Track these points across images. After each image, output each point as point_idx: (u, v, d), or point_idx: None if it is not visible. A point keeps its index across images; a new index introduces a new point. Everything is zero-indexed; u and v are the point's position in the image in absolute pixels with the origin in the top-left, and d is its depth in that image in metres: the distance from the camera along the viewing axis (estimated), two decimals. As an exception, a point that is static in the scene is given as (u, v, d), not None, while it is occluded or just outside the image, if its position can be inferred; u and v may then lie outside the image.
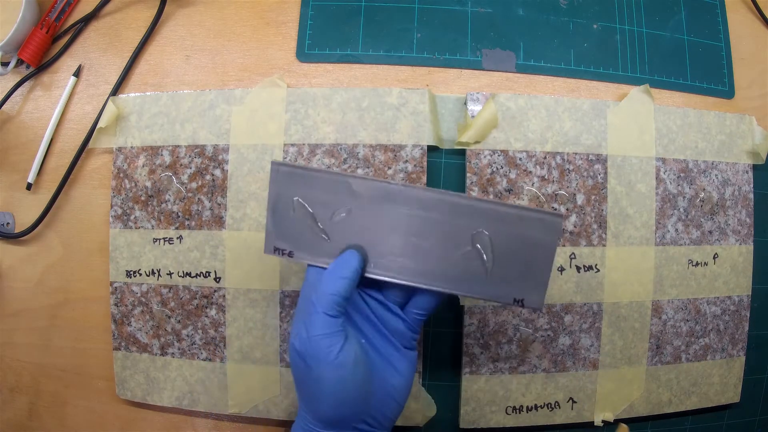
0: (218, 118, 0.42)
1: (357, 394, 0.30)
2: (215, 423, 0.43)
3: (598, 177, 0.41)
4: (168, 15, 0.44)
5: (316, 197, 0.32)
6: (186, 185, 0.42)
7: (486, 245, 0.31)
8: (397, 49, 0.43)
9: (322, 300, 0.29)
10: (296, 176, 0.32)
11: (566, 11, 0.44)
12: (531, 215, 0.31)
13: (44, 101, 0.45)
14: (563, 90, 0.43)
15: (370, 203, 0.32)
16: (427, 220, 0.31)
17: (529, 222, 0.31)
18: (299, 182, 0.32)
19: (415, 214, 0.31)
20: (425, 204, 0.31)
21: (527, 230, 0.31)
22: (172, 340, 0.42)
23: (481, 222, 0.31)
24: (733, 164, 0.44)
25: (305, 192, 0.32)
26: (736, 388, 0.44)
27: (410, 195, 0.31)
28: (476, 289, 0.32)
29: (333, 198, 0.32)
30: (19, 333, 0.45)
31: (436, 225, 0.31)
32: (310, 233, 0.32)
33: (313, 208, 0.32)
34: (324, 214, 0.32)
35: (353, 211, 0.32)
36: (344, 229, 0.32)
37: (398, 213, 0.31)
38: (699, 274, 0.43)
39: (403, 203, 0.31)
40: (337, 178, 0.32)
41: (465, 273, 0.31)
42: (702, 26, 0.45)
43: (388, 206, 0.31)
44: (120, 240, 0.43)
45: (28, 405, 0.45)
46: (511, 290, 0.31)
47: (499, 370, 0.41)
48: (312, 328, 0.29)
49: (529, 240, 0.31)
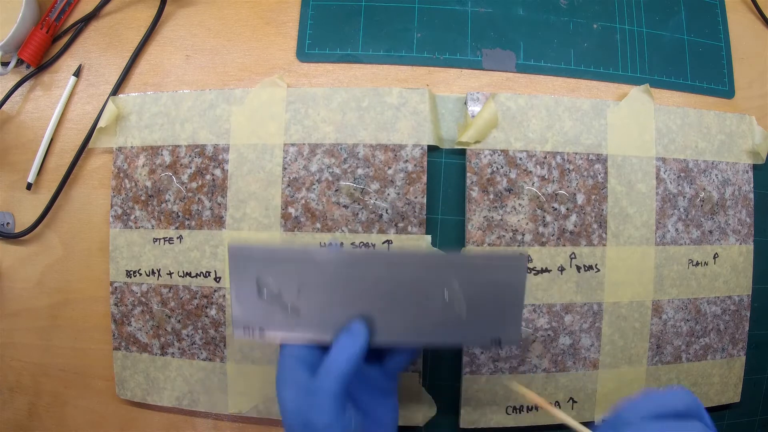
0: (218, 118, 0.42)
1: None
2: (215, 423, 0.43)
3: (598, 177, 0.41)
4: (168, 15, 0.44)
5: (280, 273, 0.31)
6: (186, 185, 0.42)
7: (457, 295, 0.31)
8: (397, 49, 0.43)
9: (330, 376, 0.28)
10: (256, 257, 0.31)
11: (566, 11, 0.44)
12: (495, 262, 0.31)
13: (44, 101, 0.45)
14: (563, 90, 0.43)
15: (337, 272, 0.31)
16: (396, 282, 0.31)
17: (494, 268, 0.31)
18: (260, 261, 0.31)
19: (383, 277, 0.31)
20: (392, 264, 0.31)
21: (494, 275, 0.31)
22: (172, 340, 0.42)
23: (449, 275, 0.31)
24: (733, 164, 0.44)
25: (268, 270, 0.31)
26: (737, 387, 0.44)
27: (375, 259, 0.31)
28: (454, 338, 0.32)
29: (297, 271, 0.31)
30: (19, 333, 0.45)
31: (406, 285, 0.31)
32: (278, 310, 0.31)
33: (278, 284, 0.31)
34: (290, 288, 0.31)
35: (320, 283, 0.31)
36: (313, 300, 0.31)
37: (366, 277, 0.31)
38: (699, 274, 0.43)
39: (369, 268, 0.31)
40: (299, 253, 0.31)
41: (440, 324, 0.32)
42: (702, 26, 0.45)
43: (356, 272, 0.31)
44: (120, 240, 0.43)
45: (27, 405, 0.45)
46: (488, 332, 0.32)
47: (499, 370, 0.41)
48: (321, 414, 0.28)
49: (498, 283, 0.31)
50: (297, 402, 0.29)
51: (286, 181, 0.41)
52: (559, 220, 0.41)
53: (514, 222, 0.41)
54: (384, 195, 0.40)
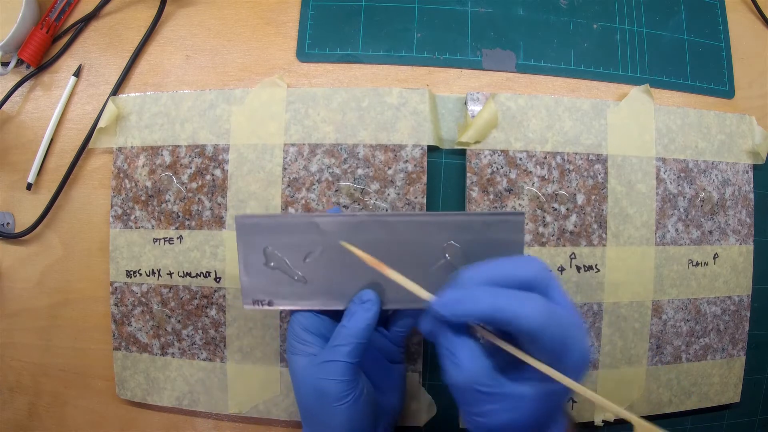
0: (218, 118, 0.42)
1: (367, 423, 0.30)
2: (215, 423, 0.43)
3: (598, 177, 0.41)
4: (168, 15, 0.44)
5: (286, 242, 0.32)
6: (186, 185, 0.42)
7: (458, 255, 0.31)
8: (397, 49, 0.43)
9: (346, 347, 0.29)
10: (262, 226, 0.32)
11: (566, 11, 0.44)
12: (494, 219, 0.31)
13: (44, 101, 0.45)
14: (563, 90, 0.43)
15: (341, 237, 0.31)
16: (399, 244, 0.31)
17: (494, 226, 0.31)
18: (266, 231, 0.32)
19: (385, 240, 0.31)
20: (393, 228, 0.31)
21: (494, 233, 0.31)
22: (172, 340, 0.42)
23: (449, 234, 0.31)
24: (733, 164, 0.44)
25: (274, 239, 0.32)
26: (737, 388, 0.44)
27: (376, 223, 0.31)
28: None
29: (303, 240, 0.32)
30: (19, 333, 0.45)
31: (408, 246, 0.31)
32: (286, 279, 0.32)
33: (284, 253, 0.32)
34: (296, 257, 0.32)
35: (325, 250, 0.32)
36: (319, 268, 0.32)
37: (369, 242, 0.31)
38: (699, 274, 0.43)
39: (372, 232, 0.31)
40: (303, 219, 0.32)
41: (443, 286, 0.32)
42: (702, 26, 0.45)
43: (358, 237, 0.31)
44: (120, 240, 0.43)
45: (28, 405, 0.45)
46: None
47: (500, 370, 0.41)
48: (337, 384, 0.29)
49: (497, 242, 0.31)
50: (310, 371, 0.30)
51: (286, 182, 0.41)
52: (559, 221, 0.41)
53: (514, 222, 0.41)
54: (384, 195, 0.40)
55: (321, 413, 0.29)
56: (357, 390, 0.29)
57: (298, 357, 0.31)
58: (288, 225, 0.32)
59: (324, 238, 0.32)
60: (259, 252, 0.32)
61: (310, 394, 0.30)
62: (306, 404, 0.30)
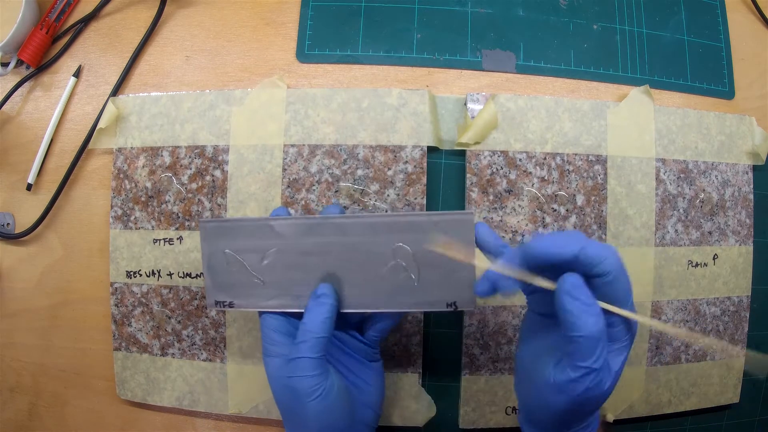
0: (218, 119, 0.42)
1: (342, 416, 0.31)
2: (215, 423, 0.43)
3: (597, 178, 0.41)
4: (168, 15, 0.44)
5: (245, 246, 0.33)
6: (186, 186, 0.42)
7: (408, 257, 0.31)
8: (397, 50, 0.43)
9: (306, 344, 0.30)
10: (223, 229, 0.33)
11: (566, 12, 0.44)
12: (442, 218, 0.30)
13: (44, 102, 0.45)
14: (563, 90, 0.43)
15: (295, 240, 0.32)
16: (351, 245, 0.32)
17: (443, 225, 0.30)
18: (227, 234, 0.33)
19: (338, 242, 0.32)
20: (345, 230, 0.32)
21: (444, 234, 0.30)
22: (172, 340, 0.42)
23: (399, 235, 0.31)
24: (733, 165, 0.44)
25: (234, 243, 0.33)
26: (736, 388, 0.44)
27: (328, 225, 0.32)
28: (410, 302, 0.32)
29: (260, 243, 0.33)
30: (20, 333, 0.45)
31: (360, 247, 0.32)
32: (245, 281, 0.33)
33: (243, 256, 0.33)
34: (254, 259, 0.33)
35: (281, 252, 0.33)
36: (276, 270, 0.33)
37: (322, 244, 0.32)
38: (699, 275, 0.43)
39: (325, 234, 0.32)
40: (258, 223, 0.33)
41: (396, 288, 0.32)
42: (702, 27, 0.45)
43: (312, 240, 0.32)
44: (120, 240, 0.43)
45: (28, 405, 0.45)
46: (443, 295, 0.32)
47: (499, 371, 0.41)
48: (303, 380, 0.29)
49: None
50: (280, 371, 0.30)
51: (286, 182, 0.41)
52: (558, 221, 0.41)
53: (513, 223, 0.41)
54: (384, 196, 0.40)
55: (296, 410, 0.30)
56: (326, 384, 0.30)
57: (270, 358, 0.31)
58: (245, 228, 0.33)
59: (279, 241, 0.32)
60: (221, 254, 0.33)
61: (283, 393, 0.31)
62: (282, 403, 0.31)
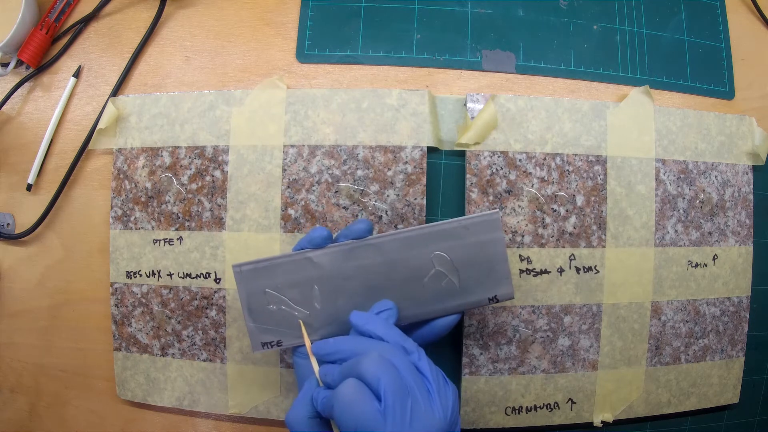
0: (218, 119, 0.42)
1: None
2: (215, 423, 0.43)
3: (597, 178, 0.41)
4: (168, 16, 0.44)
5: (284, 282, 0.33)
6: (186, 186, 0.42)
7: (447, 263, 0.33)
8: (396, 50, 0.43)
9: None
10: (259, 271, 0.33)
11: (566, 12, 0.44)
12: (472, 221, 0.33)
13: (44, 102, 0.45)
14: (563, 91, 0.43)
15: (335, 268, 0.33)
16: (390, 263, 0.33)
17: (473, 228, 0.33)
18: (264, 275, 0.33)
19: (377, 262, 0.33)
20: (381, 249, 0.33)
21: (475, 235, 0.33)
22: (172, 340, 0.42)
23: (434, 245, 0.33)
24: (732, 165, 0.44)
25: (272, 281, 0.33)
26: (736, 389, 0.44)
27: (364, 247, 0.33)
28: (455, 304, 0.34)
29: (300, 277, 0.33)
30: (20, 333, 0.45)
31: (399, 263, 0.33)
32: (289, 316, 0.34)
33: (285, 292, 0.33)
34: (297, 295, 0.33)
35: (323, 282, 0.33)
36: (321, 301, 0.33)
37: (363, 267, 0.33)
38: (698, 275, 0.43)
39: (363, 257, 0.33)
40: (296, 257, 0.33)
41: (439, 294, 0.34)
42: (702, 27, 0.45)
43: (351, 264, 0.33)
44: (120, 241, 0.43)
45: (28, 405, 0.45)
46: (484, 292, 0.34)
47: (499, 371, 0.41)
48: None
49: (480, 242, 0.33)
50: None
51: (286, 183, 0.41)
52: (558, 222, 0.41)
53: (513, 223, 0.41)
54: (384, 196, 0.40)
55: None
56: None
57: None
58: (283, 265, 0.33)
59: (319, 271, 0.33)
60: (260, 295, 0.33)
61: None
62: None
